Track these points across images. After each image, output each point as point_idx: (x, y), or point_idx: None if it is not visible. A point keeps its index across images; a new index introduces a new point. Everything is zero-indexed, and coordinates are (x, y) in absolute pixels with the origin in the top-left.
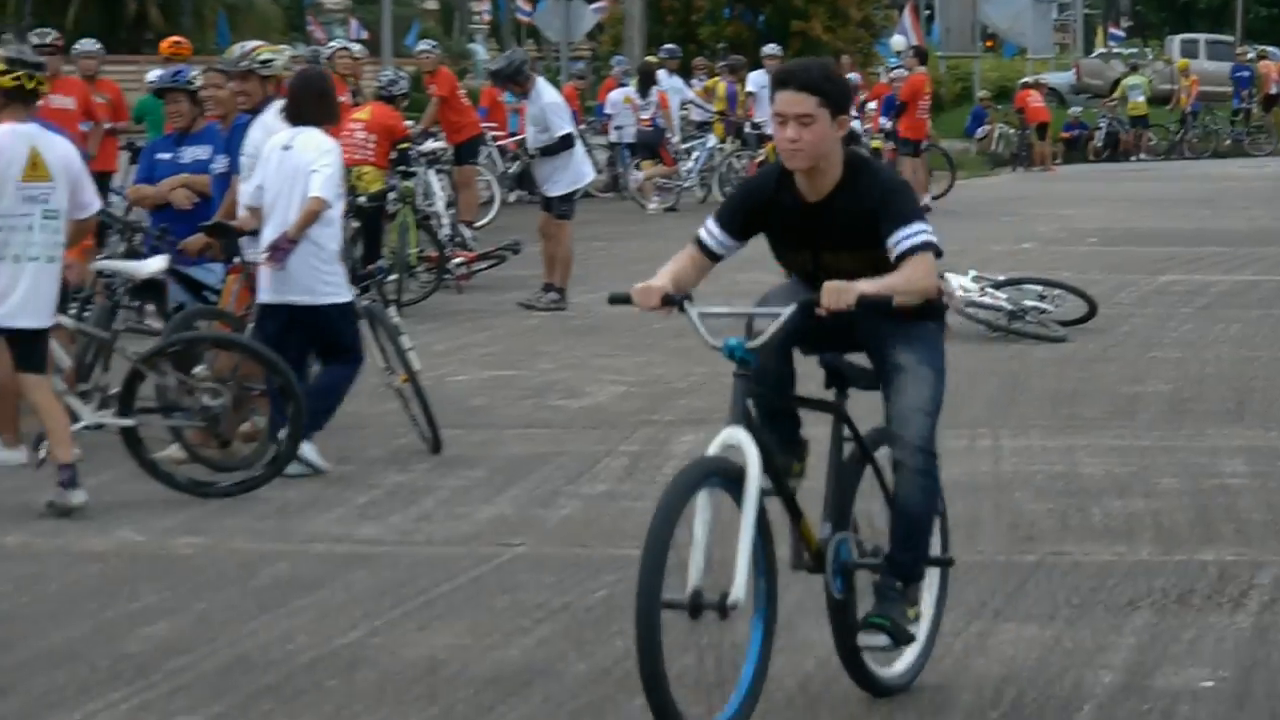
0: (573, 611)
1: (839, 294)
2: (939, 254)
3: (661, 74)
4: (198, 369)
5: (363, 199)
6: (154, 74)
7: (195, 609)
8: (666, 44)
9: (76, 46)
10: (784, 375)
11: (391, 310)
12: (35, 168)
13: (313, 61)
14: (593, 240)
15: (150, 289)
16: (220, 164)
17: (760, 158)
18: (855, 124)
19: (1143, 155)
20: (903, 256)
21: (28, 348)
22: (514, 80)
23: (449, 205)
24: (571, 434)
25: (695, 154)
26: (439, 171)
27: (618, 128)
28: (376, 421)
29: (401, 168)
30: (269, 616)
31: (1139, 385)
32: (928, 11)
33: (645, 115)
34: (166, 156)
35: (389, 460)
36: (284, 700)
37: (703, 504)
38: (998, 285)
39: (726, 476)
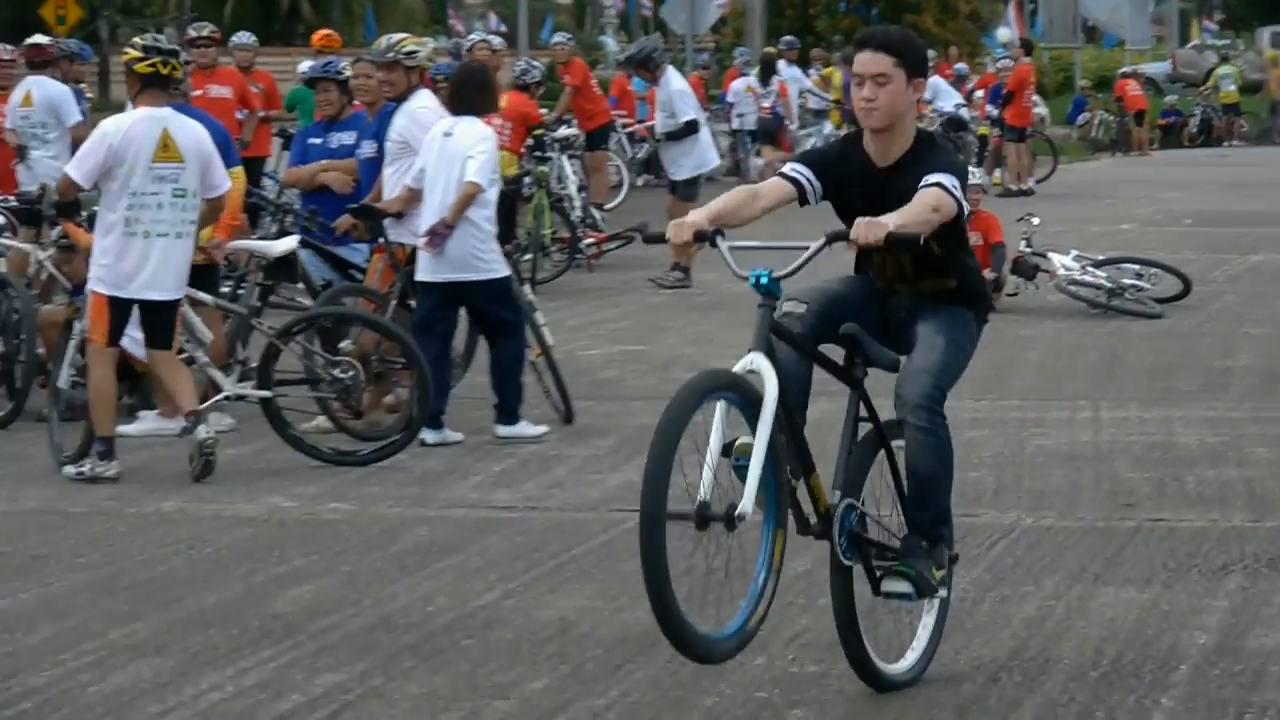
0: (698, 574)
1: (870, 228)
2: (961, 210)
3: (781, 64)
4: (343, 344)
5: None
6: (306, 65)
7: (341, 572)
8: (786, 36)
9: (233, 39)
10: (805, 376)
11: (526, 288)
12: (166, 149)
13: (454, 53)
14: None
15: (283, 267)
16: (367, 149)
17: None
18: (963, 111)
19: (1235, 141)
20: (927, 187)
21: (157, 320)
22: (645, 66)
23: (581, 189)
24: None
25: (812, 139)
26: (571, 157)
27: (739, 115)
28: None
29: (537, 153)
30: (410, 579)
31: (1231, 359)
32: (1031, 5)
33: (766, 103)
34: (317, 142)
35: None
36: (423, 659)
37: (719, 417)
38: (1098, 264)
39: (742, 395)
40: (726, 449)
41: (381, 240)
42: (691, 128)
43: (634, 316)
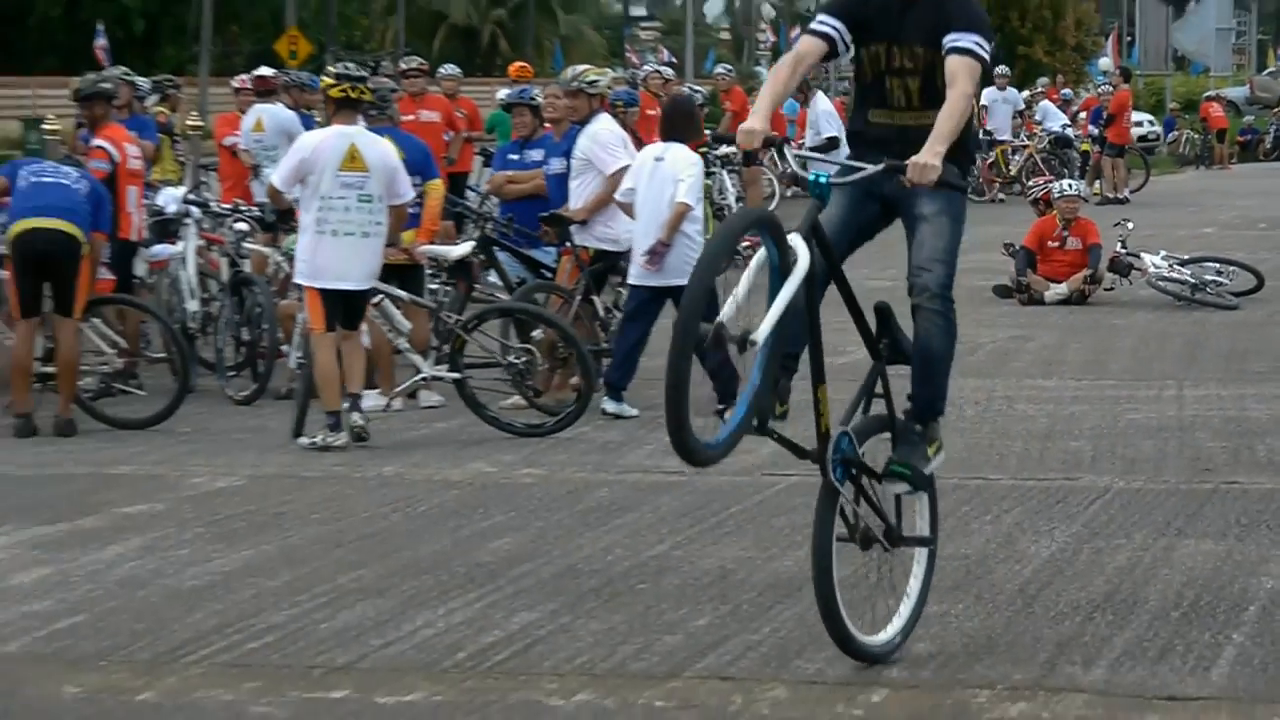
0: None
1: (923, 171)
2: (985, 64)
3: None
4: (534, 332)
5: None
6: (503, 92)
7: (534, 527)
8: None
9: (440, 70)
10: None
11: None
12: (353, 160)
13: (630, 82)
14: None
15: (461, 268)
16: (556, 166)
17: (990, 159)
18: (1068, 130)
19: None
20: (950, 53)
21: (348, 307)
22: (799, 91)
23: (738, 199)
24: (833, 385)
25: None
26: (731, 172)
27: None
28: None
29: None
30: (592, 533)
31: None
32: (1129, 37)
33: None
34: (514, 158)
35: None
36: (604, 600)
37: (756, 263)
38: (1183, 263)
39: (778, 238)
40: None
41: (568, 244)
42: (833, 143)
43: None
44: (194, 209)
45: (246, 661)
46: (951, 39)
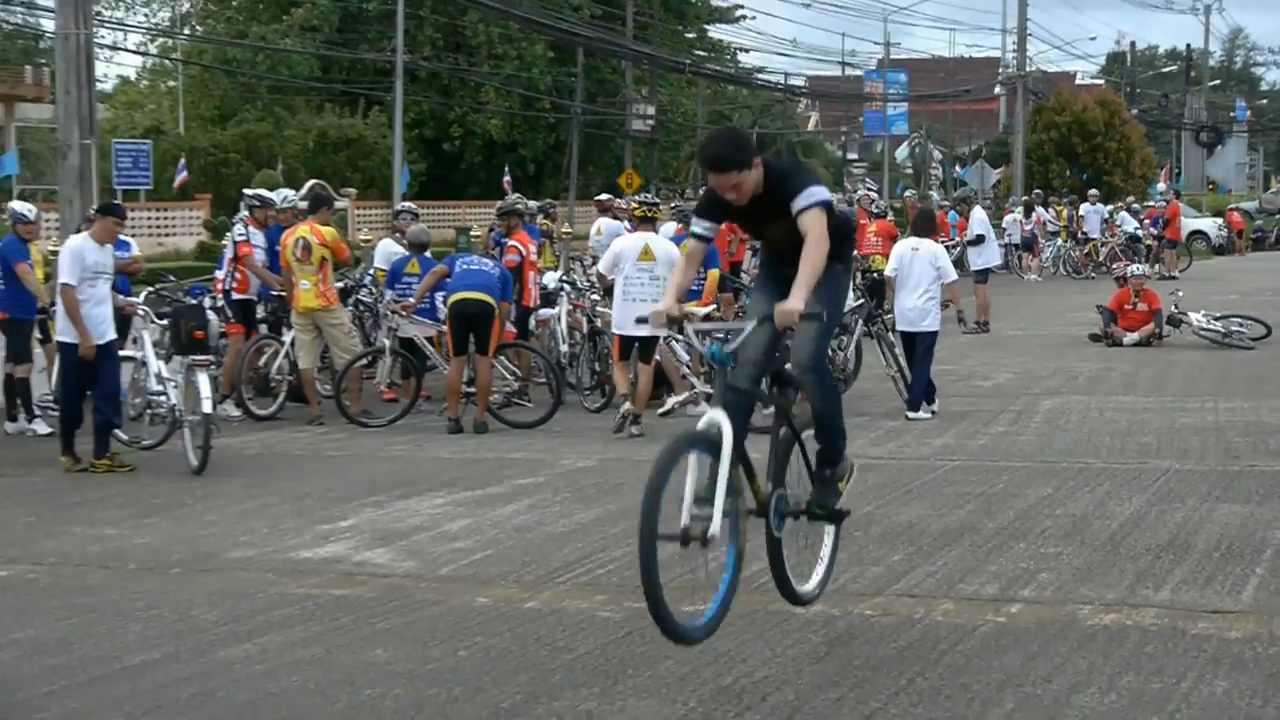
0: (985, 496)
1: (786, 316)
2: (829, 207)
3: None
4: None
5: (875, 274)
6: None
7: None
8: (1036, 189)
9: None
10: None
11: (890, 335)
12: (646, 254)
13: (847, 201)
14: (1000, 295)
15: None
16: None
17: (1086, 250)
18: (1138, 231)
19: None
20: (799, 215)
21: (643, 347)
22: (964, 201)
23: None
24: (985, 400)
25: (1048, 250)
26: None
27: (1009, 234)
28: (881, 393)
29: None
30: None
31: None
32: (1177, 170)
33: (1027, 228)
34: None
35: (886, 415)
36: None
37: (693, 464)
38: (1216, 318)
39: (710, 444)
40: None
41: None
42: (981, 239)
43: (947, 350)
44: (566, 286)
45: (597, 581)
46: (796, 205)
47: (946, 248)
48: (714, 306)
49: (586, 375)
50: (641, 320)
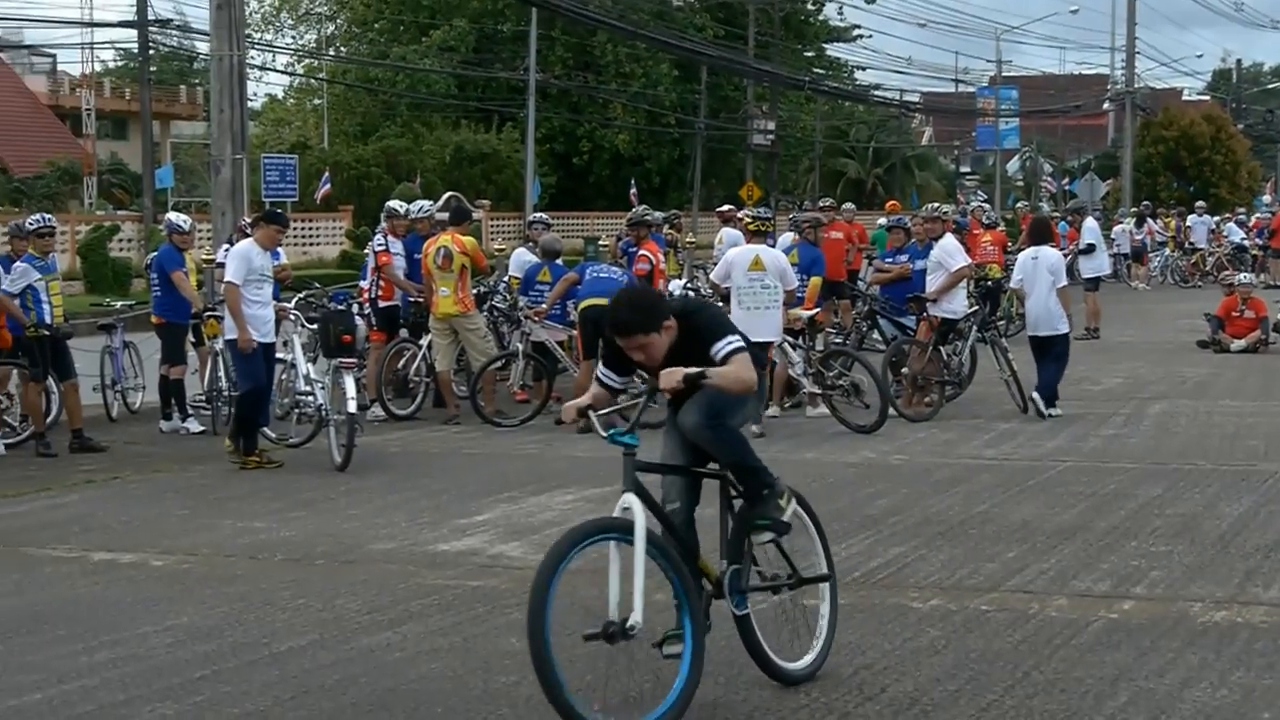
0: (1097, 496)
1: (669, 377)
2: (746, 347)
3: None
4: (903, 369)
5: (989, 282)
6: (882, 220)
7: (901, 492)
8: (1145, 200)
9: (844, 207)
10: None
11: (1004, 340)
12: (756, 264)
13: (961, 213)
14: (1110, 303)
15: (813, 325)
16: (919, 265)
17: (1194, 260)
18: (1244, 242)
19: None
20: (726, 358)
21: (759, 352)
22: (1077, 211)
23: None
24: (1096, 403)
25: (1157, 260)
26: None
27: (1118, 245)
28: (994, 396)
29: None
30: (939, 497)
31: None
32: None
33: (1137, 238)
34: (889, 262)
35: (1000, 417)
36: (948, 540)
37: (614, 555)
38: None
39: (621, 531)
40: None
41: (925, 314)
42: (1092, 248)
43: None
44: (690, 293)
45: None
46: (717, 352)
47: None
48: (817, 310)
49: None
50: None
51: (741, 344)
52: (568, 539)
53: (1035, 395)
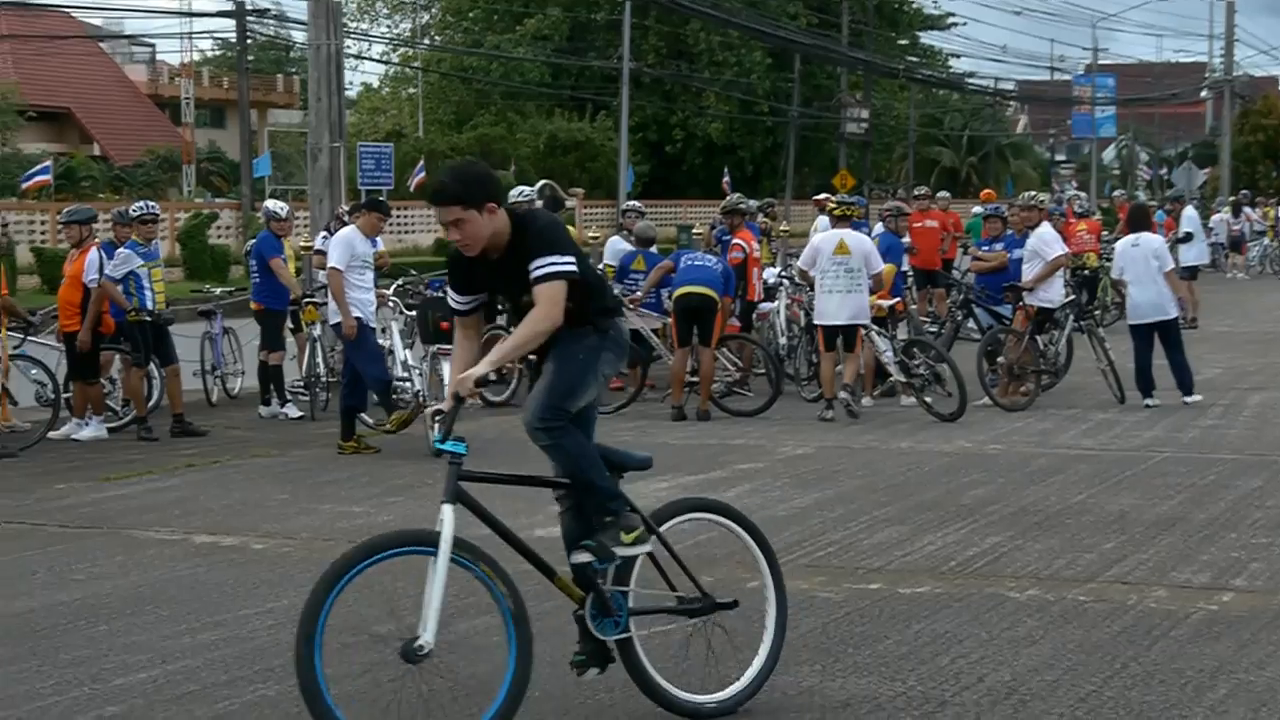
0: (1196, 487)
1: (460, 384)
2: (569, 274)
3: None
4: (999, 358)
5: (1087, 271)
6: (977, 209)
7: (997, 482)
8: (1244, 189)
9: (939, 195)
10: None
11: (1101, 330)
12: (841, 248)
13: (1056, 201)
14: (1208, 293)
15: (893, 314)
16: (1016, 254)
17: None
18: None
19: None
20: (536, 282)
21: (846, 335)
22: (1176, 200)
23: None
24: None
25: (1255, 249)
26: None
27: (1216, 234)
28: (1091, 386)
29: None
30: (1036, 486)
31: None
32: None
33: (1235, 227)
34: (985, 250)
35: (1097, 406)
36: (1045, 530)
37: (429, 570)
38: None
39: (418, 542)
40: None
41: (1021, 303)
42: (1190, 237)
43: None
44: (785, 280)
45: (816, 564)
46: (533, 271)
47: None
48: (897, 300)
49: (804, 366)
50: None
51: (566, 266)
52: (358, 551)
53: (1182, 394)
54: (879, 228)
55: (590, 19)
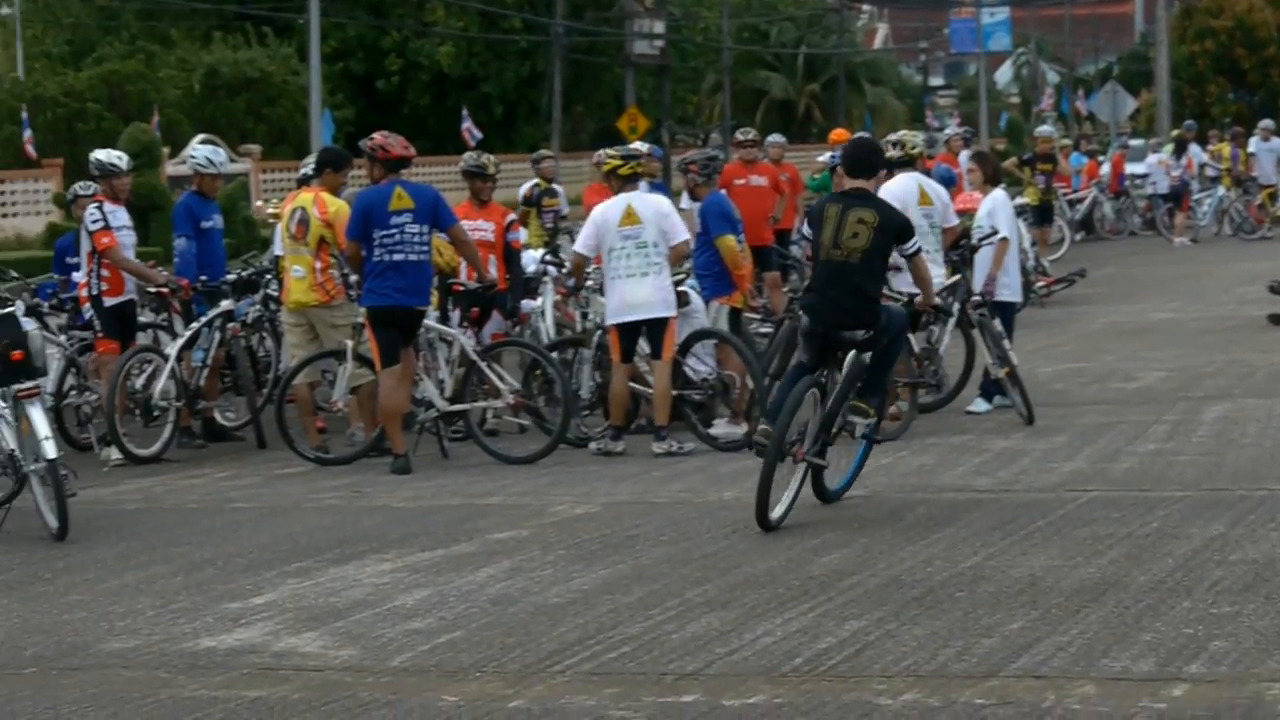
0: (1134, 538)
1: None
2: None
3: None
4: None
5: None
6: (824, 155)
7: (859, 542)
8: (1187, 120)
9: (769, 139)
10: None
11: (996, 322)
12: (629, 216)
13: (930, 143)
14: (1144, 265)
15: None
16: None
17: (1258, 201)
18: None
19: None
20: None
21: (654, 335)
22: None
23: (1032, 244)
24: (1128, 408)
25: (1207, 202)
26: (1027, 223)
27: (1153, 183)
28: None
29: None
30: (913, 547)
31: None
32: None
33: (1175, 174)
34: None
35: (996, 430)
36: (926, 608)
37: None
38: None
39: None
40: None
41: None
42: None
43: (1077, 341)
44: (548, 268)
45: (606, 670)
46: None
47: (1070, 201)
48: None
49: (586, 386)
50: None
51: None
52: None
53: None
54: (685, 199)
55: None
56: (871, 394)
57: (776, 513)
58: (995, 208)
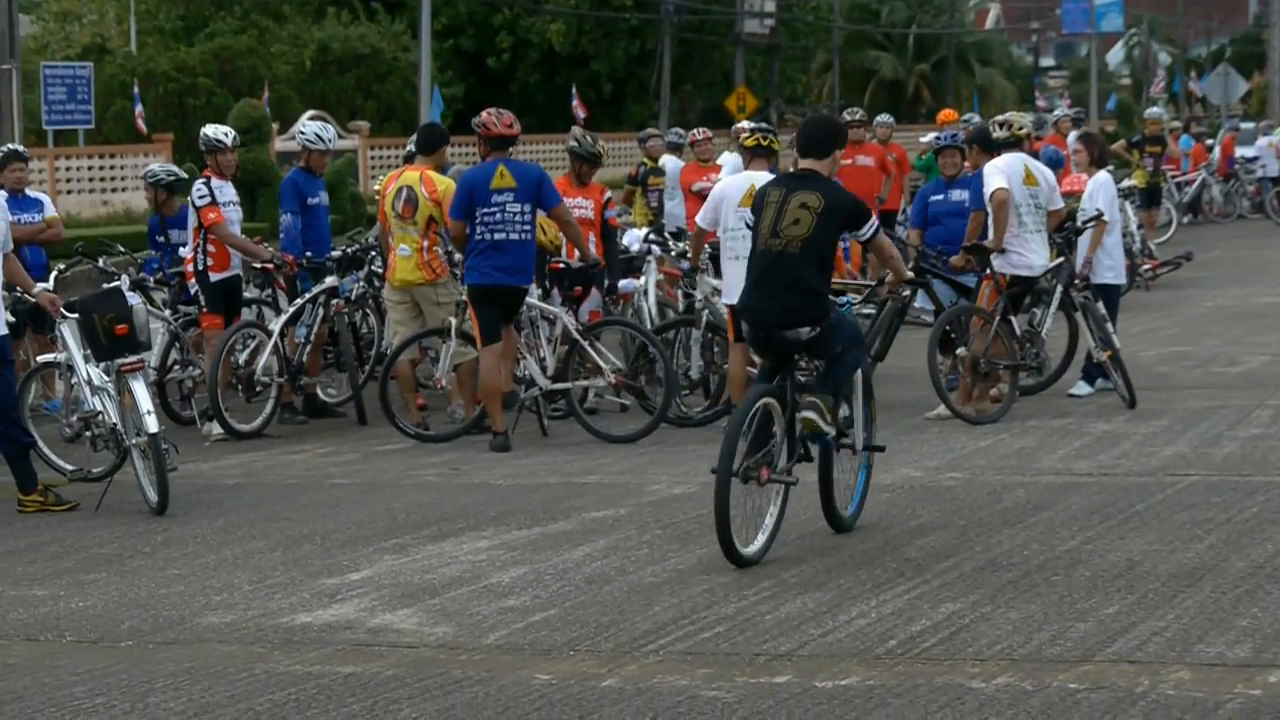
0: (1234, 523)
1: None
2: None
3: None
4: (959, 350)
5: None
6: (928, 136)
7: (957, 525)
8: None
9: (877, 119)
10: None
11: (1099, 304)
12: (750, 197)
13: (1039, 125)
14: (1250, 248)
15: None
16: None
17: None
18: None
19: None
20: None
21: None
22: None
23: (1139, 227)
24: (1231, 392)
25: None
26: (1134, 206)
27: (1262, 165)
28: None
29: None
30: (1010, 530)
31: None
32: None
33: None
34: (938, 198)
35: (1097, 414)
36: (1021, 591)
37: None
38: None
39: None
40: None
41: (989, 271)
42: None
43: (1181, 325)
44: (653, 247)
45: (699, 650)
46: None
47: (1179, 183)
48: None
49: (696, 367)
50: None
51: None
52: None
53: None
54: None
55: None
56: (828, 391)
57: (752, 549)
58: (1097, 189)
